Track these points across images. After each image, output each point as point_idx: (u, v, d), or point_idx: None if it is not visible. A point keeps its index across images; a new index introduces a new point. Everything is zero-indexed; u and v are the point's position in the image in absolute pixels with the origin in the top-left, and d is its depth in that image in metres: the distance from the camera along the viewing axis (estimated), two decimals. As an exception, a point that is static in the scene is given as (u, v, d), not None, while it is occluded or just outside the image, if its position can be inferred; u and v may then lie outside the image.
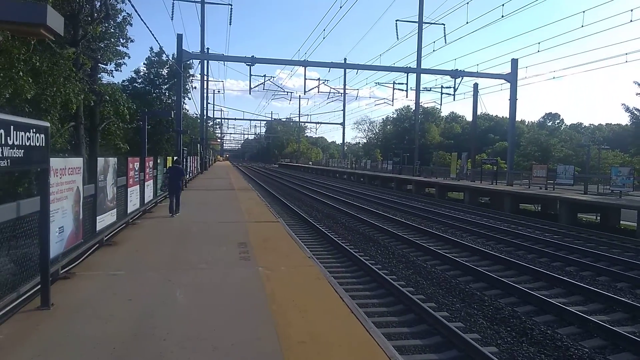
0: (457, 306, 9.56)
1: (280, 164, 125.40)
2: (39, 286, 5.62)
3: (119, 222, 10.09)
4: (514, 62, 35.91)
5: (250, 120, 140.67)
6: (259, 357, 4.16)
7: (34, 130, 4.93)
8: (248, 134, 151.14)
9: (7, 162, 4.36)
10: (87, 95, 15.69)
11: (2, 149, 4.26)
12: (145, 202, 13.55)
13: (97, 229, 8.35)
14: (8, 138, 4.36)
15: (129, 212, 11.17)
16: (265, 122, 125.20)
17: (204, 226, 11.98)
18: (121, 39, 22.14)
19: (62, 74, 13.06)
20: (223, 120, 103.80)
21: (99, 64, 20.92)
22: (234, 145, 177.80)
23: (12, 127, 4.44)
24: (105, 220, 8.84)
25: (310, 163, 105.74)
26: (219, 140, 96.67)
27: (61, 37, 13.62)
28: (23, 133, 4.67)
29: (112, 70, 24.08)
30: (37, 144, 5.00)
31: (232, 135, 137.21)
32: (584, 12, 31.42)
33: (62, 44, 13.31)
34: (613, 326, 8.10)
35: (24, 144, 4.68)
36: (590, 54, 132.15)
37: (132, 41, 22.92)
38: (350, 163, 76.38)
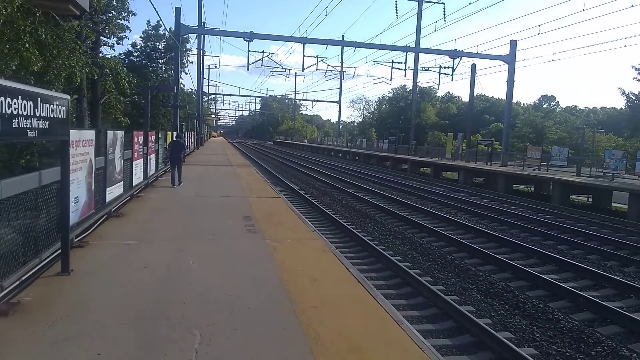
0: (453, 280, 9.90)
1: (275, 141, 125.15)
2: (57, 253, 5.89)
3: (125, 194, 10.31)
4: (513, 44, 35.94)
5: (245, 96, 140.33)
6: (275, 320, 4.45)
7: (57, 102, 5.12)
8: (243, 111, 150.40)
9: (35, 133, 4.56)
10: (90, 69, 15.72)
11: (30, 120, 4.45)
12: (148, 175, 13.74)
13: (107, 201, 8.57)
14: (36, 110, 4.55)
15: (134, 184, 11.37)
16: (260, 98, 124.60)
17: (208, 200, 12.23)
18: (123, 12, 22.02)
19: (67, 47, 13.11)
20: (218, 96, 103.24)
21: (101, 37, 20.85)
22: (228, 121, 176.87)
23: (39, 99, 4.63)
24: (114, 192, 9.06)
25: (306, 141, 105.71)
26: (213, 116, 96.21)
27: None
28: (48, 105, 4.86)
29: (113, 44, 24.00)
30: (60, 116, 5.19)
31: (226, 111, 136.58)
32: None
33: (66, 16, 13.30)
34: (602, 301, 8.47)
35: (48, 115, 4.87)
36: (590, 37, 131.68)
37: (134, 14, 22.76)
38: (346, 142, 76.48)
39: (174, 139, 16.70)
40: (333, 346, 3.90)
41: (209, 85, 75.99)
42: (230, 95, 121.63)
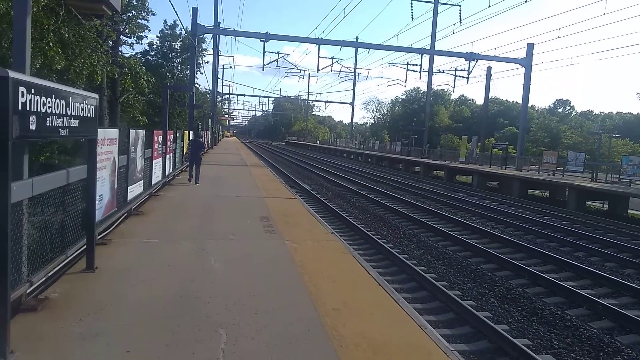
0: (469, 285, 9.87)
1: (288, 141, 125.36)
2: (81, 250, 5.98)
3: (144, 193, 10.42)
4: (530, 47, 35.69)
5: (259, 96, 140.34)
6: (299, 321, 4.48)
7: (86, 101, 5.20)
8: (255, 111, 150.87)
9: (67, 132, 4.64)
10: (111, 68, 15.91)
11: (62, 119, 4.53)
12: (166, 174, 13.87)
13: (128, 199, 8.67)
14: (67, 108, 4.63)
15: (153, 183, 11.49)
16: (273, 99, 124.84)
17: (225, 200, 12.31)
18: (142, 12, 22.25)
19: (89, 46, 13.29)
20: (232, 96, 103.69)
21: (122, 37, 21.06)
22: (240, 121, 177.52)
23: (70, 98, 4.71)
24: (134, 190, 9.17)
25: (318, 142, 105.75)
26: (227, 116, 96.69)
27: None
28: (78, 104, 4.94)
29: (132, 43, 24.23)
30: (89, 115, 5.27)
31: (239, 111, 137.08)
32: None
33: (88, 15, 13.47)
34: (621, 309, 8.39)
35: (78, 114, 4.95)
36: (609, 41, 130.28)
37: (153, 14, 23.03)
38: (358, 143, 76.40)
39: (194, 138, 17.10)
40: (358, 349, 3.93)
41: (222, 85, 76.41)
42: (244, 95, 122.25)
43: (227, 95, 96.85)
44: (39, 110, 3.99)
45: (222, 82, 76.26)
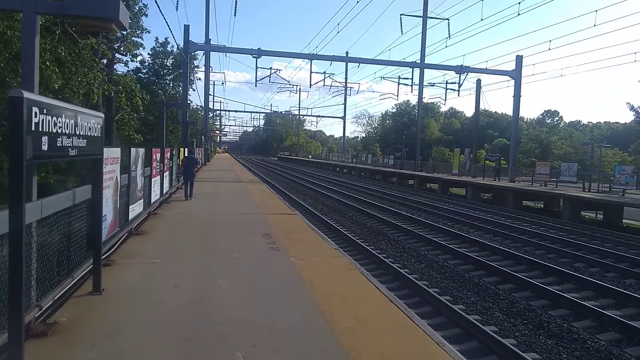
0: (472, 299, 9.83)
1: (280, 157, 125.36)
2: (86, 271, 5.86)
3: (144, 211, 10.31)
4: (519, 59, 36.17)
5: (250, 112, 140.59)
6: (315, 341, 4.41)
7: (93, 121, 5.14)
8: (247, 126, 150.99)
9: (76, 152, 4.58)
10: (108, 86, 15.84)
11: (72, 138, 4.46)
12: (164, 192, 13.76)
13: (129, 218, 8.57)
14: (76, 128, 4.57)
15: (152, 202, 11.38)
16: (264, 114, 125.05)
17: (225, 217, 12.21)
18: (137, 30, 22.19)
19: (85, 64, 13.24)
20: (223, 112, 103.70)
21: (116, 54, 21.02)
22: (231, 137, 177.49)
23: (79, 117, 4.65)
24: (135, 209, 9.07)
25: (310, 157, 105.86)
26: (219, 132, 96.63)
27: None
28: (86, 123, 4.88)
29: (127, 61, 24.26)
30: (95, 134, 5.21)
31: (231, 127, 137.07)
32: (596, 11, 31.67)
33: (84, 33, 13.44)
34: (627, 320, 8.37)
35: (86, 134, 4.89)
36: (599, 52, 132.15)
37: (148, 32, 23.06)
38: (351, 157, 76.55)
39: (187, 155, 17.37)
40: (379, 369, 3.86)
41: (214, 101, 76.48)
42: (236, 111, 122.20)
43: (219, 112, 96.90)
44: (50, 130, 3.93)
45: (213, 98, 76.36)
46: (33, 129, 3.60)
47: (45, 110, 3.81)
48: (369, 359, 4.03)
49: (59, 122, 4.14)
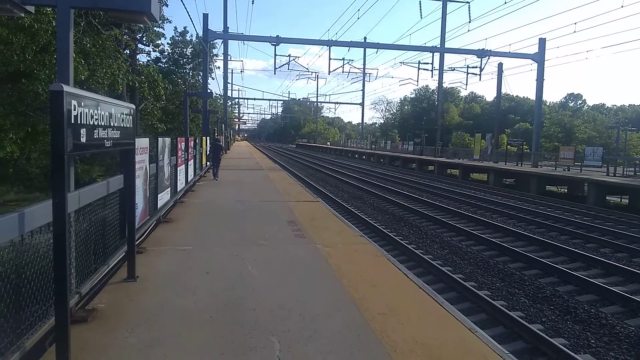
0: (498, 285, 9.81)
1: (298, 144, 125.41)
2: (119, 259, 6.02)
3: (170, 200, 10.47)
4: (542, 42, 35.46)
5: (269, 100, 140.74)
6: (348, 327, 4.47)
7: (126, 112, 5.24)
8: (265, 114, 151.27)
9: (111, 143, 4.68)
10: (132, 76, 16.03)
11: (107, 130, 4.56)
12: (188, 180, 13.93)
13: (158, 207, 8.72)
14: (111, 120, 4.67)
15: (178, 190, 11.55)
16: (282, 102, 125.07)
17: (249, 205, 12.34)
18: (159, 20, 22.19)
19: (110, 55, 13.40)
20: (241, 100, 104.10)
21: (139, 45, 21.20)
22: (250, 125, 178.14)
23: (113, 109, 4.75)
24: (163, 198, 9.22)
25: (329, 143, 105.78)
26: (237, 120, 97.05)
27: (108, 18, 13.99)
28: (119, 114, 4.98)
29: (149, 51, 24.40)
30: (128, 125, 5.30)
31: (249, 114, 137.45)
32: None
33: (107, 25, 13.58)
34: (657, 306, 8.27)
35: (120, 125, 4.98)
36: (625, 34, 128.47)
37: (169, 21, 23.19)
38: (370, 144, 76.27)
39: (213, 142, 19.86)
40: (413, 354, 3.91)
41: (232, 89, 76.76)
42: (254, 99, 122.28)
43: (237, 100, 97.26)
44: (87, 122, 4.03)
45: (232, 86, 76.64)
46: (72, 121, 3.69)
47: (82, 103, 3.90)
48: (402, 344, 4.08)
49: (95, 115, 4.23)
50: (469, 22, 38.91)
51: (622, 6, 25.98)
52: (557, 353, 6.48)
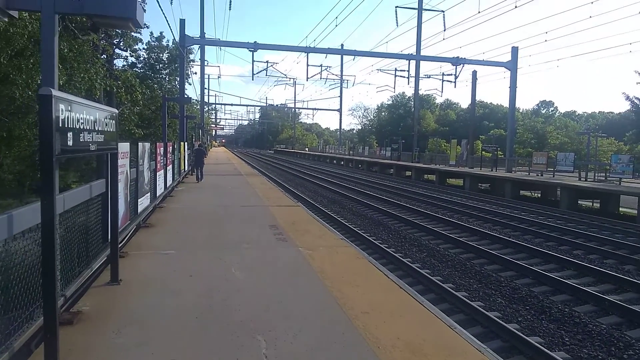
0: (475, 287, 10.04)
1: (276, 150, 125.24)
2: (102, 263, 6.02)
3: (150, 205, 10.44)
4: (514, 50, 36.26)
5: (246, 105, 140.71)
6: (332, 325, 4.58)
7: (109, 116, 5.26)
8: (243, 120, 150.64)
9: (95, 147, 4.70)
10: (110, 81, 15.89)
11: (92, 134, 4.59)
12: (167, 186, 13.87)
13: (138, 211, 8.70)
14: (96, 124, 4.70)
15: (157, 195, 11.51)
16: (260, 107, 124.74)
17: (230, 210, 12.36)
18: (143, 26, 22.01)
19: (87, 60, 13.28)
20: (219, 105, 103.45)
21: (116, 50, 21.01)
22: (227, 130, 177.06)
23: (98, 113, 4.78)
24: (143, 203, 9.20)
25: (307, 149, 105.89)
26: (215, 126, 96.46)
27: (84, 23, 13.88)
28: (103, 119, 5.00)
29: (126, 57, 24.12)
30: (111, 130, 5.33)
31: (226, 120, 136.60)
32: (592, 2, 31.58)
33: (84, 29, 13.47)
34: (628, 304, 8.57)
35: (103, 129, 5.01)
36: (594, 43, 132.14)
37: (147, 27, 23.02)
38: (348, 149, 76.65)
39: (197, 147, 21.65)
40: (395, 350, 4.04)
41: (208, 95, 76.39)
42: (232, 105, 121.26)
43: (214, 105, 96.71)
44: (74, 126, 4.06)
45: (208, 92, 76.27)
46: (60, 125, 3.73)
47: (70, 107, 3.94)
48: (386, 342, 4.20)
49: (81, 119, 4.26)
50: (444, 30, 39.58)
51: (590, 16, 26.84)
52: (533, 350, 6.69)
